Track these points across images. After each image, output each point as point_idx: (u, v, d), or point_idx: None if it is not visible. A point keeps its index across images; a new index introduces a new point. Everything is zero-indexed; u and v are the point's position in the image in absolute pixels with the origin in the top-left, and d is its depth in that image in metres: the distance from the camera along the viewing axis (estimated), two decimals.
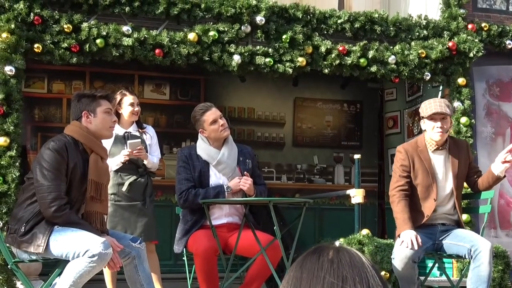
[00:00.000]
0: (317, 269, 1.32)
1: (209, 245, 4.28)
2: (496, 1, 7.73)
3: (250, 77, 7.53)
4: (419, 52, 6.76)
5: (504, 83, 7.66)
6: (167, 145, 7.72)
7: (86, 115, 3.88)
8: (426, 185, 4.45)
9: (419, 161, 4.46)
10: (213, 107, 4.63)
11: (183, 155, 4.63)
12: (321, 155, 8.54)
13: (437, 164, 4.50)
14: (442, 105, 4.42)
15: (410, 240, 4.14)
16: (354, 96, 8.69)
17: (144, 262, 3.96)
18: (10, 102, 5.61)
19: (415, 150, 4.49)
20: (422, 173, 4.45)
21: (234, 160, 4.63)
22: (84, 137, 3.85)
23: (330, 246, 1.38)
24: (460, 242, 4.29)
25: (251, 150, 4.84)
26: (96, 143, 3.90)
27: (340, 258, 1.33)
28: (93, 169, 3.81)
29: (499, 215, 7.41)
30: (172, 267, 6.83)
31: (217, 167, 4.58)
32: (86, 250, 3.54)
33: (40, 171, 3.68)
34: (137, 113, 5.24)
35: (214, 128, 4.55)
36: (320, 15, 6.63)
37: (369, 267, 1.33)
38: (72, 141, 3.80)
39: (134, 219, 5.05)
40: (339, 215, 8.08)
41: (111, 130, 4.03)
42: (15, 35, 5.63)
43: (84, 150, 3.84)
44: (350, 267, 1.31)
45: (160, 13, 6.14)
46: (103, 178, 3.90)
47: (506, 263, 6.27)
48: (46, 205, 3.63)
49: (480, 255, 4.11)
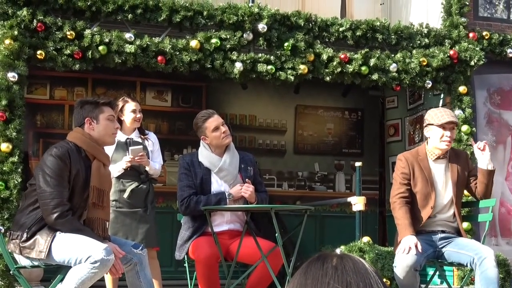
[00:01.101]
0: (322, 275, 1.34)
1: (210, 252, 4.28)
2: (497, 10, 7.75)
3: (252, 84, 7.54)
4: (421, 60, 6.78)
5: (505, 91, 7.68)
6: (168, 151, 7.73)
7: (89, 122, 3.90)
8: (425, 193, 4.48)
9: (419, 170, 4.49)
10: (215, 114, 4.64)
11: (185, 162, 4.63)
12: (322, 162, 8.54)
13: (437, 173, 4.53)
14: (453, 114, 4.55)
15: (412, 245, 4.15)
16: (356, 104, 8.71)
17: (145, 269, 3.96)
18: (12, 108, 5.64)
19: (415, 158, 4.53)
20: (422, 181, 4.48)
21: (235, 167, 4.63)
22: (87, 143, 3.87)
23: (333, 253, 1.40)
24: (462, 251, 4.30)
25: (252, 157, 4.84)
26: (99, 150, 3.92)
27: (344, 264, 1.35)
28: (95, 175, 3.82)
29: (499, 223, 7.41)
30: (173, 273, 6.84)
31: (219, 174, 4.58)
32: (88, 256, 3.55)
33: (43, 178, 3.69)
34: (139, 119, 5.26)
35: (216, 135, 4.55)
36: (322, 23, 6.66)
37: (372, 273, 1.35)
38: (74, 148, 3.82)
39: (135, 225, 5.06)
40: (340, 222, 8.09)
41: (114, 137, 4.04)
42: (18, 42, 5.66)
43: (86, 157, 3.86)
44: (354, 273, 1.33)
45: (162, 20, 6.17)
46: (105, 184, 3.91)
47: (507, 271, 6.28)
48: (49, 211, 3.64)
49: (486, 261, 4.13)
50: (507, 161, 7.58)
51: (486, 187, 4.53)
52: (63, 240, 3.66)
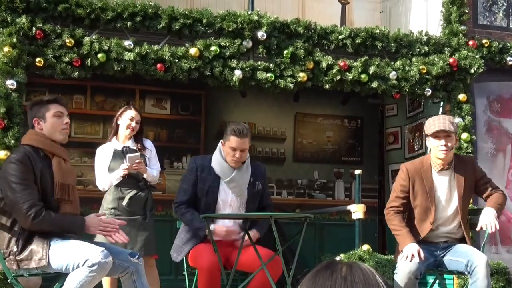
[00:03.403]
0: (330, 285, 1.30)
1: (213, 259, 4.26)
2: (497, 17, 7.75)
3: (251, 92, 7.53)
4: (420, 68, 6.77)
5: (505, 99, 7.66)
6: (167, 159, 7.70)
7: (36, 122, 3.84)
8: (424, 207, 4.38)
9: (419, 182, 4.37)
10: (246, 137, 4.51)
11: (194, 165, 4.62)
12: (322, 170, 8.52)
13: (441, 185, 4.40)
14: (446, 122, 4.31)
15: (415, 253, 4.10)
16: (355, 112, 8.69)
17: (142, 277, 3.93)
18: (11, 116, 5.62)
19: (418, 170, 4.40)
20: (422, 195, 4.37)
21: (246, 181, 4.62)
22: (42, 142, 3.80)
23: (342, 262, 1.36)
24: (458, 258, 4.26)
25: (263, 170, 4.80)
26: (56, 146, 3.85)
27: (353, 275, 1.31)
28: (57, 171, 3.76)
29: (500, 231, 7.36)
30: (173, 282, 6.79)
31: (229, 184, 4.57)
32: (86, 260, 3.52)
33: (9, 186, 3.62)
34: (133, 129, 5.25)
35: (230, 153, 4.52)
36: (321, 31, 6.65)
37: (382, 285, 1.31)
38: (31, 150, 3.75)
39: (134, 233, 5.03)
40: (339, 230, 8.05)
41: (64, 133, 3.91)
42: (17, 49, 5.64)
43: (45, 156, 3.80)
44: (364, 285, 1.29)
45: (161, 28, 6.16)
46: (68, 179, 3.83)
47: (507, 279, 6.24)
48: (23, 216, 3.57)
49: (476, 270, 4.07)
50: (507, 169, 7.56)
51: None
52: (59, 247, 3.62)
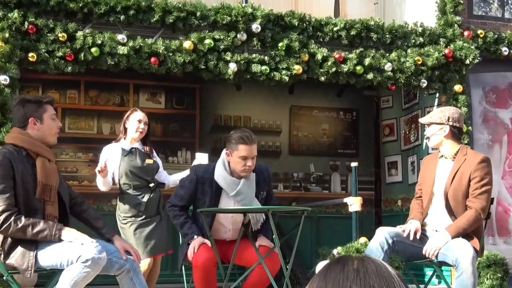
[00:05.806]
0: (343, 278, 1.28)
1: (208, 256, 4.22)
2: (492, 8, 7.73)
3: (246, 85, 7.50)
4: (416, 59, 6.75)
5: (500, 90, 7.65)
6: (162, 154, 7.67)
7: (33, 122, 3.77)
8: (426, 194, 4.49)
9: (428, 172, 4.51)
10: (255, 142, 4.38)
11: (195, 176, 4.46)
12: (318, 163, 8.50)
13: (441, 172, 4.45)
14: (428, 115, 4.55)
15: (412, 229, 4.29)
16: (350, 104, 8.67)
17: (139, 274, 3.91)
18: (4, 112, 5.58)
19: (431, 159, 4.59)
20: (426, 183, 4.52)
21: (253, 190, 4.48)
22: (27, 142, 3.73)
23: (354, 256, 1.33)
24: (446, 251, 4.24)
25: (267, 175, 4.63)
26: (42, 147, 3.78)
27: (366, 267, 1.29)
28: (40, 171, 3.70)
29: (497, 222, 7.39)
30: (169, 277, 6.78)
31: (236, 197, 4.42)
32: (79, 255, 3.49)
33: None
34: (142, 131, 5.23)
35: (240, 162, 4.35)
36: (316, 23, 6.62)
37: (396, 277, 1.29)
38: (13, 150, 3.69)
39: (159, 232, 5.15)
40: (335, 223, 8.05)
41: (56, 136, 3.91)
42: (10, 44, 5.60)
43: (28, 155, 3.75)
44: (377, 277, 1.27)
45: (155, 22, 6.12)
46: (51, 179, 3.77)
47: (505, 270, 6.24)
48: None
49: (461, 265, 4.06)
50: (503, 160, 7.56)
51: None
52: (50, 244, 3.59)
